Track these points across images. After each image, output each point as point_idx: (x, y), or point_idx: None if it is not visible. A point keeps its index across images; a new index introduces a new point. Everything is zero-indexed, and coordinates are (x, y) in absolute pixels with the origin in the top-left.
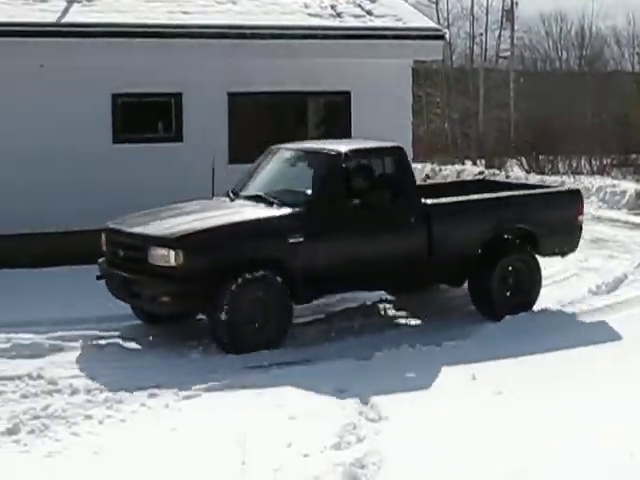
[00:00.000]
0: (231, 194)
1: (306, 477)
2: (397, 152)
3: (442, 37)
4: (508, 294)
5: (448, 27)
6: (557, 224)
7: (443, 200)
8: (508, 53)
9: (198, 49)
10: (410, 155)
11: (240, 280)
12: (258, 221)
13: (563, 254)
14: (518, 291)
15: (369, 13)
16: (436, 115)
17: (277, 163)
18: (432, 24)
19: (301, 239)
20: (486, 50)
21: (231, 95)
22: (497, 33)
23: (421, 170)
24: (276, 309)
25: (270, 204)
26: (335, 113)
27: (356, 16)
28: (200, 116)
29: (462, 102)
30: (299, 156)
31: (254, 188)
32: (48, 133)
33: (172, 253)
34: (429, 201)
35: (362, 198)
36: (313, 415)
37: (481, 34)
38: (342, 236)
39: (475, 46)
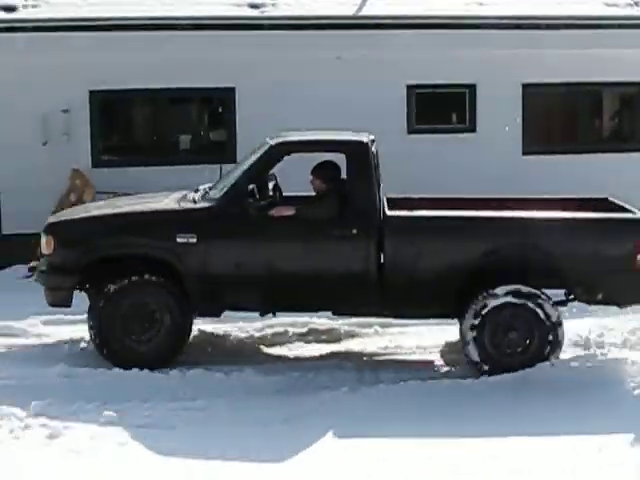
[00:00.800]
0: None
1: None
2: (354, 148)
3: None
4: (507, 350)
5: None
6: (601, 263)
7: (406, 212)
8: None
9: (492, 40)
10: None
11: (120, 280)
12: (140, 214)
13: (618, 304)
14: (515, 348)
15: None
16: None
17: (251, 154)
18: None
19: (193, 239)
20: None
21: (525, 86)
22: None
23: None
24: (166, 320)
25: (192, 198)
26: (630, 104)
27: None
28: (493, 107)
29: None
30: (261, 147)
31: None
32: (344, 123)
33: (44, 240)
34: (388, 212)
35: (287, 200)
36: None
37: None
38: (251, 242)
39: None
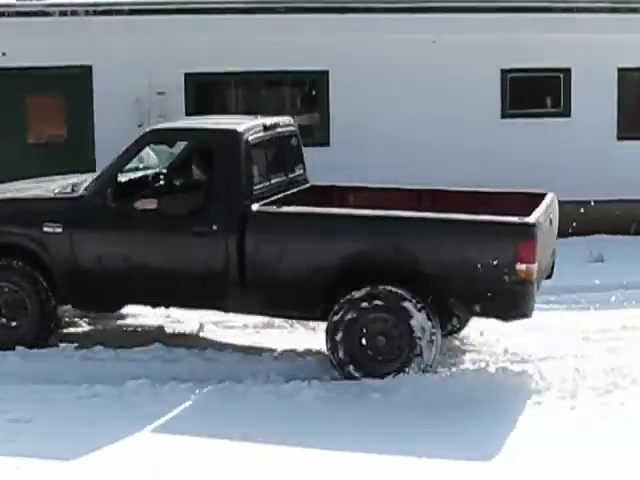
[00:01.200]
0: None
1: None
2: (220, 138)
3: None
4: (371, 355)
5: None
6: (477, 272)
7: (271, 209)
8: None
9: (588, 24)
10: None
11: None
12: (14, 201)
13: (499, 318)
14: (380, 353)
15: None
16: None
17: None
18: None
19: (59, 229)
20: None
21: (621, 70)
22: None
23: None
24: (29, 308)
25: (72, 186)
26: None
27: None
28: (588, 92)
29: None
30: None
31: None
32: (438, 107)
33: None
34: (253, 208)
35: (149, 193)
36: None
37: None
38: (112, 235)
39: None
